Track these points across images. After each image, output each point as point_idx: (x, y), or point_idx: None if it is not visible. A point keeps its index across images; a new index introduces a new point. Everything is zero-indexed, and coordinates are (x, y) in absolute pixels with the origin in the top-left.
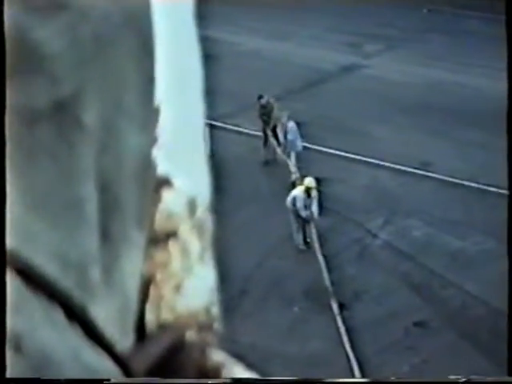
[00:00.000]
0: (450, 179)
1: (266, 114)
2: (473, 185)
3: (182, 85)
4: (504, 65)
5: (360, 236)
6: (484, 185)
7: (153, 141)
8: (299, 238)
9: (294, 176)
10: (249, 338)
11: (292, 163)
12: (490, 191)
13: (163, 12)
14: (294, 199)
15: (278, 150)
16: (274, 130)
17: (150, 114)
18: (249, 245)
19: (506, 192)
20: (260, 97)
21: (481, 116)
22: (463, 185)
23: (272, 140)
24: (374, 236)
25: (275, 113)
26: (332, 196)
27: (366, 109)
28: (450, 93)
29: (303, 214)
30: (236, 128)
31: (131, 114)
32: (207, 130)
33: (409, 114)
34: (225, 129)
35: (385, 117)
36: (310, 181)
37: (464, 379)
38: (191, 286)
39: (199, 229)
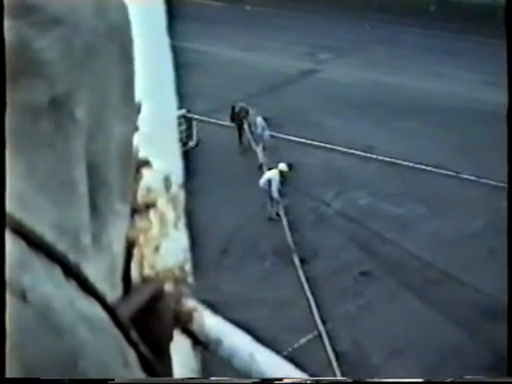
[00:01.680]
0: (390, 160)
1: (239, 119)
2: (407, 164)
3: (156, 83)
4: (431, 68)
5: (317, 205)
6: (416, 163)
7: (134, 130)
8: (273, 211)
9: (261, 160)
10: (230, 287)
11: (260, 150)
12: (420, 169)
13: (137, 20)
14: (269, 181)
15: (251, 142)
16: (249, 126)
17: (132, 109)
18: (230, 214)
19: (434, 169)
20: (233, 108)
21: (413, 109)
22: (400, 164)
23: (248, 133)
24: (328, 205)
25: (250, 114)
26: (294, 175)
27: (321, 105)
28: (389, 91)
29: (275, 194)
30: (218, 121)
31: (116, 109)
32: (194, 123)
33: (356, 109)
34: (209, 122)
35: (336, 111)
36: (282, 166)
37: (463, 379)
38: (168, 248)
39: (174, 201)
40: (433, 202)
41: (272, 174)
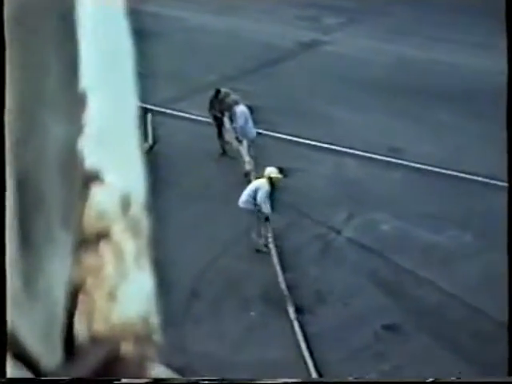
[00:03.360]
0: (422, 166)
1: (221, 109)
2: (447, 172)
3: (111, 70)
4: (481, 38)
5: (322, 232)
6: (460, 172)
7: (79, 131)
8: (261, 240)
9: (248, 166)
10: (200, 346)
11: (245, 152)
12: (466, 179)
13: None
14: (255, 192)
15: (233, 140)
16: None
17: (75, 102)
18: (199, 244)
19: (483, 180)
20: (218, 91)
21: (454, 96)
22: (437, 172)
23: (229, 129)
24: (338, 232)
25: (231, 104)
26: (290, 188)
27: (328, 90)
28: (419, 71)
29: (265, 208)
30: (182, 114)
31: (53, 102)
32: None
33: (375, 95)
34: (169, 115)
35: (348, 98)
36: (271, 171)
37: (464, 380)
38: (126, 293)
39: (134, 228)
40: (483, 227)
41: (259, 184)
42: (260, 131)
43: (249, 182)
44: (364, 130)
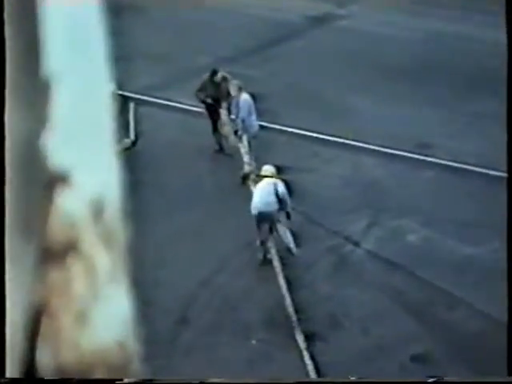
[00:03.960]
0: (456, 165)
1: (217, 97)
2: (487, 172)
3: (81, 53)
4: None
5: (336, 244)
6: (501, 172)
7: (42, 123)
8: (271, 248)
9: (247, 168)
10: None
11: (244, 150)
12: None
13: None
14: (276, 190)
15: (231, 135)
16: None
17: (37, 90)
18: (189, 258)
19: None
20: (215, 72)
21: (495, 81)
22: (474, 172)
23: (226, 121)
24: (356, 243)
25: (231, 91)
26: (299, 191)
27: (343, 74)
28: (452, 49)
29: (289, 206)
30: (170, 103)
31: (11, 89)
32: (131, 106)
33: (399, 80)
34: (154, 104)
35: (368, 84)
36: (267, 169)
37: (463, 380)
38: (99, 315)
39: (108, 238)
40: None
41: (272, 181)
42: (262, 124)
43: (247, 185)
44: (386, 122)
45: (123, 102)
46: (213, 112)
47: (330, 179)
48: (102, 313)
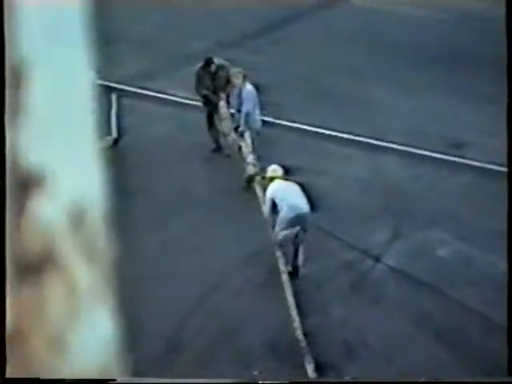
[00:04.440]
0: (493, 167)
1: (213, 87)
2: None
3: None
4: None
5: (353, 258)
6: None
7: (12, 119)
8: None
9: (252, 169)
10: None
11: (248, 149)
12: None
13: None
14: (273, 201)
15: (231, 132)
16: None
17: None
18: (182, 275)
19: None
20: (209, 61)
21: None
22: None
23: (226, 115)
24: (376, 259)
25: (233, 80)
26: (309, 197)
27: (360, 61)
28: (483, 32)
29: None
30: (159, 95)
31: None
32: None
33: (426, 67)
34: (140, 96)
35: (389, 73)
36: (275, 169)
37: (463, 379)
38: (79, 339)
39: (89, 249)
40: None
41: (277, 186)
42: (266, 119)
43: (251, 189)
44: (412, 117)
45: (105, 94)
46: (210, 105)
47: (346, 183)
48: (82, 337)
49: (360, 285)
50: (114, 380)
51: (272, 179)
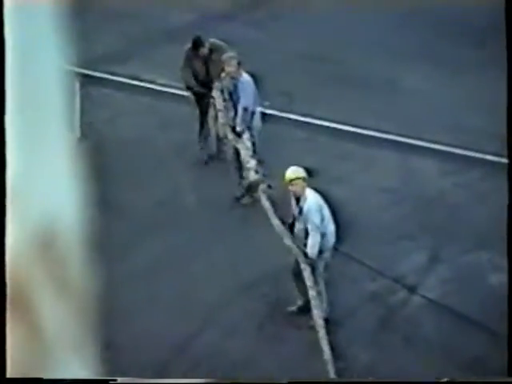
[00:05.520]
0: None
1: (204, 76)
2: None
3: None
4: None
5: (383, 288)
6: None
7: None
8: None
9: (253, 175)
10: None
11: (247, 152)
12: None
13: None
14: (321, 209)
15: (227, 131)
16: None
17: None
18: (166, 307)
19: None
20: (198, 42)
21: None
22: None
23: (222, 111)
24: (411, 289)
25: (229, 67)
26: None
27: (383, 36)
28: None
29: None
30: (132, 82)
31: None
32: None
33: (473, 45)
34: (111, 83)
35: (421, 51)
36: (295, 171)
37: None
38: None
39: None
40: None
41: (313, 193)
42: (268, 112)
43: (252, 200)
44: (454, 109)
45: (69, 80)
46: (203, 101)
47: (370, 192)
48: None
49: (390, 322)
50: (114, 380)
51: (291, 181)
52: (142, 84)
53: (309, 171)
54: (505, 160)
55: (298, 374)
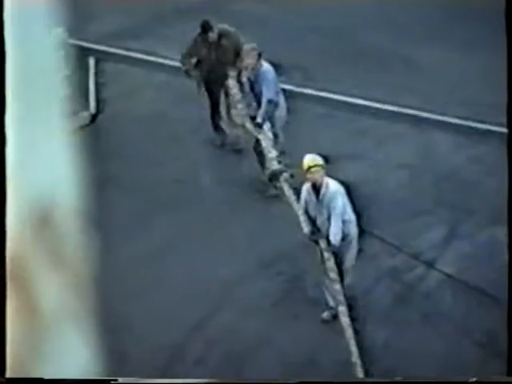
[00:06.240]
0: None
1: (214, 63)
2: None
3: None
4: None
5: (400, 264)
6: None
7: None
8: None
9: (275, 164)
10: None
11: (270, 141)
12: None
13: None
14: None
15: (246, 122)
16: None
17: None
18: (178, 288)
19: None
20: (206, 26)
21: None
22: None
23: (239, 101)
24: (429, 264)
25: (249, 59)
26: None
27: (401, 12)
28: None
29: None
30: (146, 57)
31: None
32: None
33: (489, 22)
34: (124, 59)
35: (441, 26)
36: (311, 159)
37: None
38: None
39: (56, 252)
40: None
41: (304, 188)
42: (284, 87)
43: (275, 190)
44: (471, 84)
45: (79, 57)
46: (212, 88)
47: (387, 168)
48: (48, 369)
49: (408, 298)
50: (114, 380)
51: (310, 168)
52: (157, 60)
53: (326, 158)
54: None
55: (314, 354)
